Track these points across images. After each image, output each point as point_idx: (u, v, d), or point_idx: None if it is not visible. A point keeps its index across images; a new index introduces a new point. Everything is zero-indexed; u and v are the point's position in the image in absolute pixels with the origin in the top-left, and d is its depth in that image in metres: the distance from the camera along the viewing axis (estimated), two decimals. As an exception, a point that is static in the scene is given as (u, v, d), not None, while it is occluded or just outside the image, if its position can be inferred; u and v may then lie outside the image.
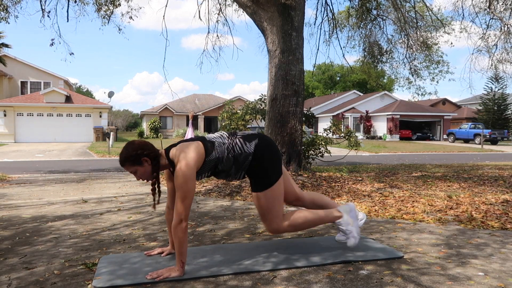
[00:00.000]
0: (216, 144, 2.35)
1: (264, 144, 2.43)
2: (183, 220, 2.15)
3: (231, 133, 2.48)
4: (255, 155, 2.38)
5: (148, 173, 2.28)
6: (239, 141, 2.40)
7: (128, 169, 2.27)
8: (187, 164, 2.18)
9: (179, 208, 2.16)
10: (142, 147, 2.24)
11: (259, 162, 2.39)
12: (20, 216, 3.92)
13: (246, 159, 2.38)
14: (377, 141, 29.56)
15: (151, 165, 2.26)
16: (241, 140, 2.41)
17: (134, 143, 2.27)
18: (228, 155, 2.35)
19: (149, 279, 2.11)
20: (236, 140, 2.40)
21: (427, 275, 2.15)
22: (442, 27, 10.92)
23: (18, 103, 25.40)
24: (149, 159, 2.25)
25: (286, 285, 2.03)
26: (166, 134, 35.48)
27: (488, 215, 3.78)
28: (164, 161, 2.31)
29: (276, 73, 6.66)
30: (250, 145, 2.39)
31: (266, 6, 6.77)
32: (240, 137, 2.43)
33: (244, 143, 2.39)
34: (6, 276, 2.19)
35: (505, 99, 33.49)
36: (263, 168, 2.40)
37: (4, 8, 8.26)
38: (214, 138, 2.40)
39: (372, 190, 5.35)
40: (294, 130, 6.64)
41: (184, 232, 2.15)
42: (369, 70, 12.62)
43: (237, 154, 2.37)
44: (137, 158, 2.22)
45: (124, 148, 2.26)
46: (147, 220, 3.69)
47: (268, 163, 2.41)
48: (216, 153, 2.32)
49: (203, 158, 2.28)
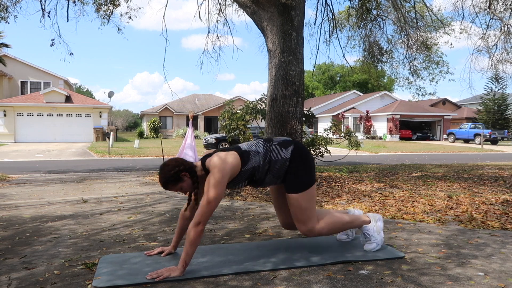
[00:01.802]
0: (252, 153, 2.39)
1: (300, 148, 2.49)
2: (201, 223, 2.18)
3: (266, 140, 2.52)
4: (292, 158, 2.42)
5: (190, 184, 2.35)
6: (275, 147, 2.44)
7: (172, 189, 2.35)
8: (220, 171, 2.22)
9: (201, 211, 2.19)
10: (176, 165, 2.32)
11: (297, 165, 2.43)
12: (20, 216, 3.92)
13: (283, 165, 2.42)
14: (377, 141, 29.56)
15: (190, 177, 2.33)
16: (277, 146, 2.45)
17: (168, 164, 2.34)
18: (264, 162, 2.40)
19: (149, 279, 2.11)
20: (272, 147, 2.44)
21: (427, 275, 2.15)
22: (442, 27, 10.92)
23: (18, 103, 25.40)
24: (187, 173, 2.31)
25: (286, 285, 2.03)
26: (166, 134, 35.48)
27: (488, 215, 3.78)
28: (201, 171, 2.37)
29: (276, 73, 6.66)
30: (286, 151, 2.44)
31: (266, 6, 6.77)
32: (276, 143, 2.48)
33: (280, 149, 2.44)
34: (6, 276, 2.18)
35: (505, 99, 33.50)
36: (300, 170, 2.44)
37: (3, 8, 8.26)
38: (249, 147, 2.43)
39: (372, 190, 5.35)
40: (294, 130, 6.63)
41: (198, 235, 2.18)
42: (370, 70, 12.62)
43: (273, 161, 2.41)
44: (177, 176, 2.30)
45: (161, 172, 2.33)
46: (147, 220, 3.69)
47: (306, 165, 2.46)
48: (252, 162, 2.37)
49: (239, 168, 2.32)
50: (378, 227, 2.64)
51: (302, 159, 2.45)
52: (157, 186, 6.34)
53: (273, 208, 4.21)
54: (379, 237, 2.62)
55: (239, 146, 2.44)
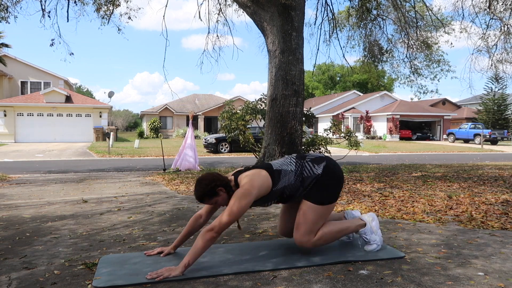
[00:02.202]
0: (283, 172, 2.44)
1: (332, 164, 2.54)
2: (214, 231, 2.21)
3: (299, 157, 2.56)
4: (323, 173, 2.47)
5: (225, 199, 2.38)
6: (308, 164, 2.49)
7: (208, 203, 2.39)
8: (248, 188, 2.28)
9: (220, 221, 2.23)
10: (213, 180, 2.35)
11: (325, 179, 2.47)
12: (20, 216, 3.92)
13: (313, 180, 2.47)
14: (377, 141, 29.56)
15: (226, 192, 2.37)
16: (310, 163, 2.50)
17: (205, 179, 2.36)
18: (296, 180, 2.44)
19: (148, 279, 2.11)
20: (305, 163, 2.49)
21: (427, 275, 2.15)
22: (442, 27, 10.92)
23: (18, 103, 25.40)
24: (223, 188, 2.35)
25: (286, 285, 2.03)
26: (166, 134, 35.49)
27: (488, 215, 3.78)
28: (234, 186, 2.40)
29: (276, 73, 6.66)
30: (319, 167, 2.49)
31: (266, 6, 6.77)
32: (309, 160, 2.52)
33: (313, 166, 2.49)
34: (6, 276, 2.18)
35: (505, 99, 33.49)
36: (327, 185, 2.48)
37: (4, 8, 8.26)
38: (281, 166, 2.48)
39: (372, 190, 5.35)
40: (294, 130, 6.63)
41: (208, 240, 2.21)
42: (370, 70, 12.63)
43: (305, 177, 2.46)
44: (213, 191, 2.33)
45: (198, 185, 2.35)
46: (147, 220, 3.69)
47: (333, 182, 2.50)
48: (282, 182, 2.42)
49: (269, 188, 2.37)
50: (374, 227, 2.64)
51: (333, 176, 2.50)
52: (157, 186, 6.34)
53: (273, 208, 4.21)
54: (377, 237, 2.62)
55: (271, 164, 2.49)
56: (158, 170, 9.50)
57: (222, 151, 17.01)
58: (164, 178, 7.48)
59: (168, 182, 6.79)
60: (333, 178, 2.50)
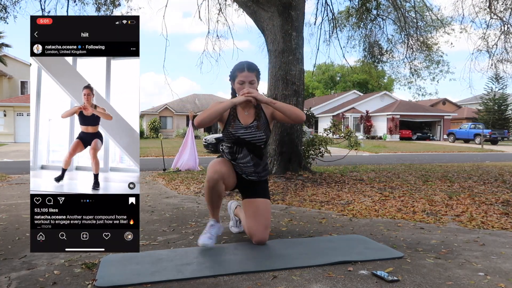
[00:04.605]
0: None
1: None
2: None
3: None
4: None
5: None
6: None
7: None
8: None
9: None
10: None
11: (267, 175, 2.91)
12: (20, 216, 3.92)
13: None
14: (377, 141, 29.56)
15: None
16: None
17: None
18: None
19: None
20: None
21: (427, 275, 2.15)
22: (442, 27, 10.93)
23: (18, 103, 25.40)
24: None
25: (286, 285, 2.03)
26: (166, 134, 35.49)
27: (488, 215, 3.78)
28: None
29: (276, 73, 6.66)
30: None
31: (266, 6, 6.77)
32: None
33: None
34: (6, 276, 2.18)
35: (505, 99, 33.49)
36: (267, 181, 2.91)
37: (3, 8, 8.26)
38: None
39: (372, 190, 5.35)
40: (294, 130, 6.64)
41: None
42: (370, 70, 12.63)
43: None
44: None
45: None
46: (147, 220, 3.68)
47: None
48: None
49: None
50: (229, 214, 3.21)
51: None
52: (157, 186, 6.34)
53: (273, 208, 4.21)
54: (231, 221, 3.17)
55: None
56: (158, 170, 9.50)
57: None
58: (164, 178, 7.48)
59: (168, 182, 6.79)
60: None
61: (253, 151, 2.72)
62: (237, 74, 2.69)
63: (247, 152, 2.71)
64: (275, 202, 4.66)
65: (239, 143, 2.70)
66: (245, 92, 2.58)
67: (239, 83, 2.66)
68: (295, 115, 2.63)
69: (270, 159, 6.59)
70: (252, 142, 2.69)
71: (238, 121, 2.69)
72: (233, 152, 2.72)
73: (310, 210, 4.15)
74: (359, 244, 2.72)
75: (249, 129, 2.68)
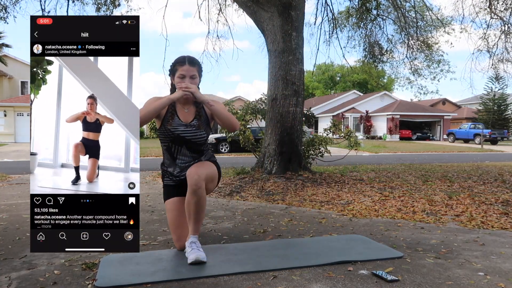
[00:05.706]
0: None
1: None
2: None
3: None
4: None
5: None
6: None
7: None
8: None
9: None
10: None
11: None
12: (20, 216, 3.92)
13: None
14: (377, 141, 29.56)
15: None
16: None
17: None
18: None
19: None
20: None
21: (427, 275, 2.15)
22: (442, 27, 10.93)
23: (18, 103, 25.39)
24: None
25: (286, 285, 2.03)
26: (166, 134, 35.42)
27: (488, 215, 3.78)
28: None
29: (276, 73, 6.67)
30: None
31: (266, 6, 6.77)
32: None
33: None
34: (6, 276, 2.18)
35: (505, 99, 33.47)
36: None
37: (2, 8, 8.27)
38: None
39: (372, 190, 5.35)
40: (294, 130, 6.64)
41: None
42: (370, 70, 12.63)
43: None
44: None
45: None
46: (147, 220, 3.68)
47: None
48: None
49: None
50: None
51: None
52: (157, 186, 6.34)
53: (273, 208, 4.21)
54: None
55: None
56: (158, 170, 9.50)
57: (222, 151, 17.01)
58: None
59: (168, 182, 6.78)
60: None
61: (193, 149, 2.60)
62: (177, 68, 2.52)
63: (186, 151, 2.59)
64: (275, 202, 4.66)
65: (178, 141, 2.56)
66: (183, 86, 2.43)
67: (179, 77, 2.50)
68: (229, 123, 2.53)
69: (270, 159, 6.59)
70: (193, 140, 2.56)
71: (177, 117, 2.54)
72: (172, 152, 2.61)
73: (310, 210, 4.16)
74: (359, 244, 2.72)
75: (190, 127, 2.55)
